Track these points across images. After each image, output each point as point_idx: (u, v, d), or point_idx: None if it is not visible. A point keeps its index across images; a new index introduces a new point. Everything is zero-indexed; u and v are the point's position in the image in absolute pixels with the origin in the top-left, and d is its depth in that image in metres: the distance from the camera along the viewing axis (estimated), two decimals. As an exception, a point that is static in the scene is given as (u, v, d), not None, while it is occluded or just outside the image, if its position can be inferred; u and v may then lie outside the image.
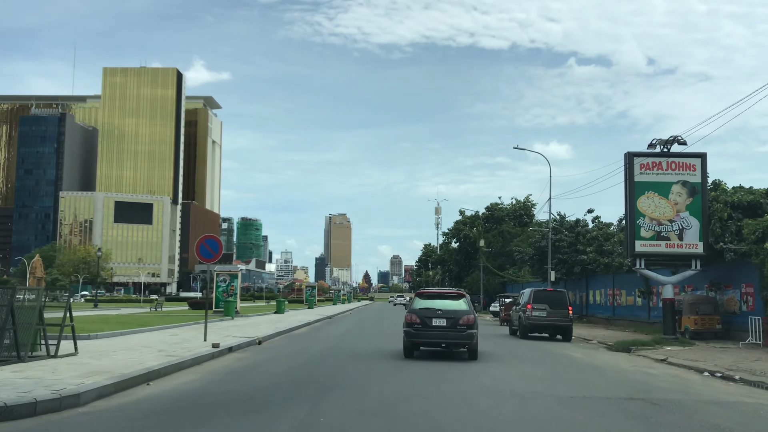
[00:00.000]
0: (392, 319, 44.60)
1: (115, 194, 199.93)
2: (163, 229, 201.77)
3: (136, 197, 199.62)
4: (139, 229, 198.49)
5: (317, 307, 69.65)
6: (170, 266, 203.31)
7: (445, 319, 16.22)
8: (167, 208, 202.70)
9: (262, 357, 16.78)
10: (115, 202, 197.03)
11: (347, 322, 39.21)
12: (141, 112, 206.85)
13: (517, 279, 59.45)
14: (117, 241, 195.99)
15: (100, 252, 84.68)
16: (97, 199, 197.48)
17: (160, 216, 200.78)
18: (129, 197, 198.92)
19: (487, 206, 70.81)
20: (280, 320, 34.91)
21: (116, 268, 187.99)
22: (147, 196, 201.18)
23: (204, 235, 19.37)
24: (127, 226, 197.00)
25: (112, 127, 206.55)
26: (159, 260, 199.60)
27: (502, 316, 37.30)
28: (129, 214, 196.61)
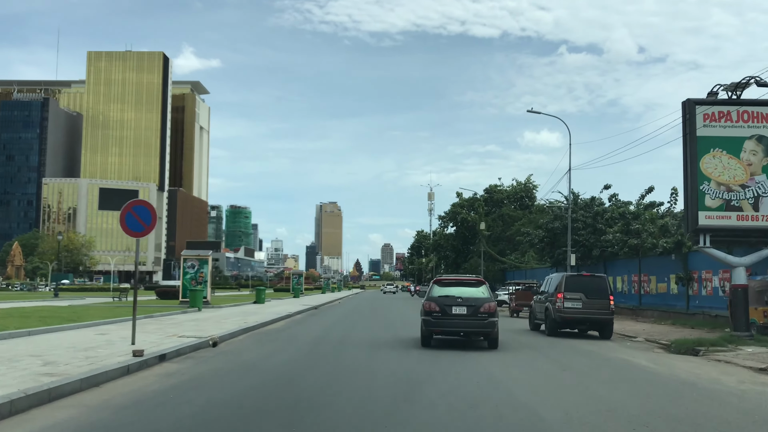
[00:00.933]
0: (385, 309, 39.39)
1: (99, 181, 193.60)
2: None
3: (121, 184, 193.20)
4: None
5: (304, 296, 64.40)
6: (157, 254, 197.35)
7: (465, 306, 15.40)
8: (153, 195, 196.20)
9: (203, 370, 11.52)
10: (100, 189, 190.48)
11: (334, 313, 34.02)
12: (126, 98, 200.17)
13: (520, 265, 54.35)
14: (102, 229, 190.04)
15: (60, 236, 77.68)
16: (81, 185, 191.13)
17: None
18: (114, 184, 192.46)
19: (486, 188, 65.65)
20: (256, 312, 29.63)
21: (101, 256, 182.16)
22: (132, 183, 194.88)
23: (131, 201, 14.00)
24: (112, 213, 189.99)
25: (97, 112, 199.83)
26: (145, 248, 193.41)
27: (513, 306, 32.16)
28: (114, 201, 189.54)
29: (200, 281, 32.45)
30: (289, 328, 22.19)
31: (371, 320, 27.99)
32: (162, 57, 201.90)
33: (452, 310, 15.46)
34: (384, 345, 16.33)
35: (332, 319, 28.42)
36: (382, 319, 28.98)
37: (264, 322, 23.12)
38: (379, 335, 19.60)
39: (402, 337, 18.85)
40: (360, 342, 17.25)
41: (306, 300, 50.61)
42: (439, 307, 15.58)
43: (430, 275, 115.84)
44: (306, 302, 45.05)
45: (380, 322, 26.28)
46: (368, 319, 28.43)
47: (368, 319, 29.05)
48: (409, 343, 16.95)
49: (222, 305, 33.92)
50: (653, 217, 30.84)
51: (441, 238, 72.26)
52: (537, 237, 40.45)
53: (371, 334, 20.08)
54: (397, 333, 20.40)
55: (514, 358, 14.31)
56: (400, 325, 24.66)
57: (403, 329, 22.03)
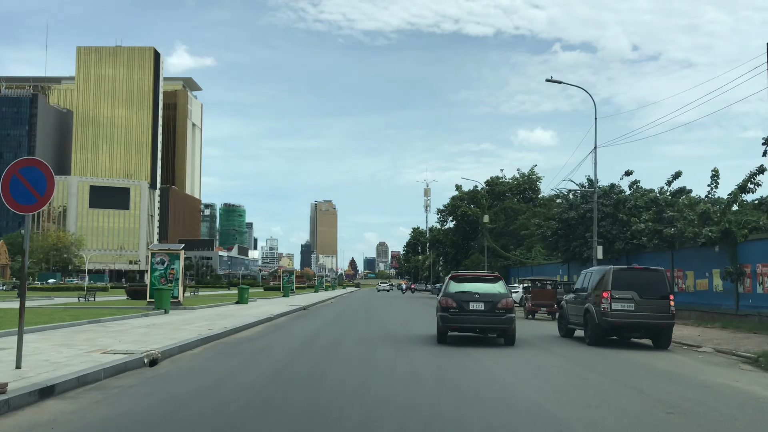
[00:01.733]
0: (381, 308, 35.09)
1: (90, 178, 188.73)
2: (140, 215, 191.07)
3: (113, 182, 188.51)
4: (116, 215, 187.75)
5: (295, 295, 60.04)
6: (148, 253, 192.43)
7: (482, 302, 15.08)
8: (145, 193, 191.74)
9: (98, 417, 7.17)
10: (90, 186, 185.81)
11: (324, 314, 29.72)
12: (117, 94, 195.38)
13: (526, 261, 50.10)
14: (93, 228, 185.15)
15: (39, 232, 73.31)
16: (71, 183, 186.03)
17: (137, 201, 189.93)
18: (105, 182, 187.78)
19: (487, 180, 61.37)
20: (233, 314, 25.30)
21: (92, 255, 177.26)
22: (124, 180, 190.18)
23: (18, 161, 9.54)
24: (103, 211, 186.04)
25: (87, 109, 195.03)
26: (137, 247, 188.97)
27: (529, 306, 27.79)
28: (105, 199, 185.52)
29: (171, 279, 28.05)
30: (265, 336, 17.87)
31: (365, 323, 23.73)
32: (153, 53, 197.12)
33: (469, 306, 15.06)
34: (384, 363, 12.05)
35: (320, 322, 24.11)
36: (378, 321, 24.71)
37: (236, 327, 18.78)
38: (376, 344, 15.32)
39: (405, 347, 14.59)
40: (351, 356, 12.98)
41: (295, 300, 46.26)
42: (456, 302, 15.13)
43: (426, 273, 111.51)
44: (295, 302, 40.71)
45: (376, 325, 22.02)
46: (362, 322, 24.16)
47: (362, 321, 24.78)
48: (416, 356, 12.72)
49: (196, 306, 29.54)
50: (692, 203, 26.59)
51: (440, 234, 67.85)
52: (550, 229, 36.14)
53: (366, 342, 15.80)
54: (399, 341, 16.13)
55: (567, 381, 10.08)
56: (401, 329, 20.41)
57: (405, 335, 17.79)
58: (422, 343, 15.61)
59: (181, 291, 28.34)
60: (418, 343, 15.59)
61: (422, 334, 18.20)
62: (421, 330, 19.82)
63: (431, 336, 17.20)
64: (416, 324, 23.14)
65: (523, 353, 14.23)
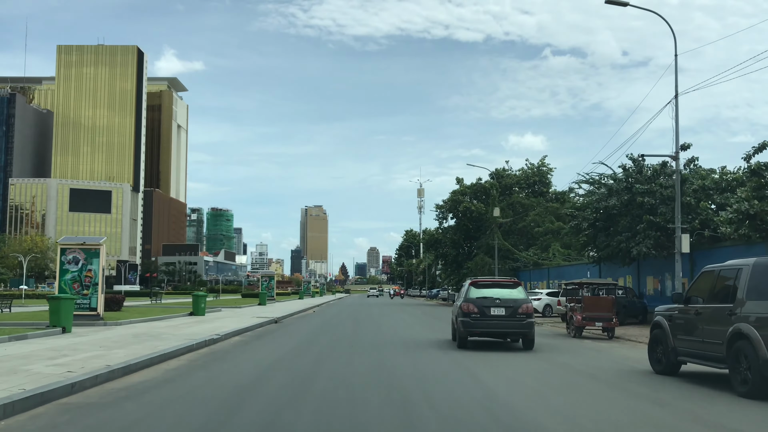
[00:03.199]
0: (373, 323, 27.36)
1: (70, 181, 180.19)
2: (122, 219, 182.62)
3: (94, 184, 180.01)
4: (97, 219, 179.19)
5: (274, 303, 52.29)
6: (132, 258, 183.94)
7: (503, 308, 15.24)
8: (127, 196, 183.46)
9: None
10: (71, 189, 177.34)
11: (296, 331, 22.04)
12: (99, 94, 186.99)
13: (544, 262, 42.57)
14: (73, 231, 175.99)
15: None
16: (50, 186, 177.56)
17: (119, 204, 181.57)
18: (85, 184, 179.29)
19: (491, 172, 53.90)
20: (161, 335, 17.58)
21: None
22: (105, 183, 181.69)
23: None
24: (84, 215, 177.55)
25: (68, 109, 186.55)
26: (119, 252, 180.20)
27: (578, 320, 19.90)
28: (86, 202, 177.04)
29: (87, 284, 20.32)
30: (173, 381, 10.18)
31: (351, 346, 16.15)
32: (136, 51, 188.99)
33: (491, 311, 15.23)
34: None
35: (286, 346, 16.43)
36: (370, 342, 17.09)
37: (131, 364, 11.11)
38: (368, 406, 7.69)
39: (424, 415, 6.93)
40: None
41: (271, 309, 38.56)
42: (477, 308, 15.27)
43: (421, 277, 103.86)
44: (268, 312, 33.04)
45: (368, 353, 14.46)
46: (346, 344, 16.57)
47: (346, 342, 17.16)
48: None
49: (124, 321, 21.67)
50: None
51: (438, 233, 59.97)
52: (586, 220, 28.47)
53: (350, 402, 8.15)
54: (410, 397, 8.52)
55: None
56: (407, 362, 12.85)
57: (421, 379, 10.23)
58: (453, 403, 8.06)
59: (100, 301, 20.56)
60: (449, 403, 8.04)
61: (448, 379, 10.73)
62: (436, 359, 12.52)
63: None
64: (427, 348, 15.65)
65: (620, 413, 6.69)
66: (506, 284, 16.42)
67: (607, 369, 12.30)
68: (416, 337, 19.56)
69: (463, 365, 12.51)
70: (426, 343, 17.34)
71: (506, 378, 10.90)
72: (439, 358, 13.81)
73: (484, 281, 16.83)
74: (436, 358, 13.79)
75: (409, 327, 24.80)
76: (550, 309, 32.02)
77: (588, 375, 11.41)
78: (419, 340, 18.10)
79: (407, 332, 21.70)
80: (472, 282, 16.59)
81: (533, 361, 13.44)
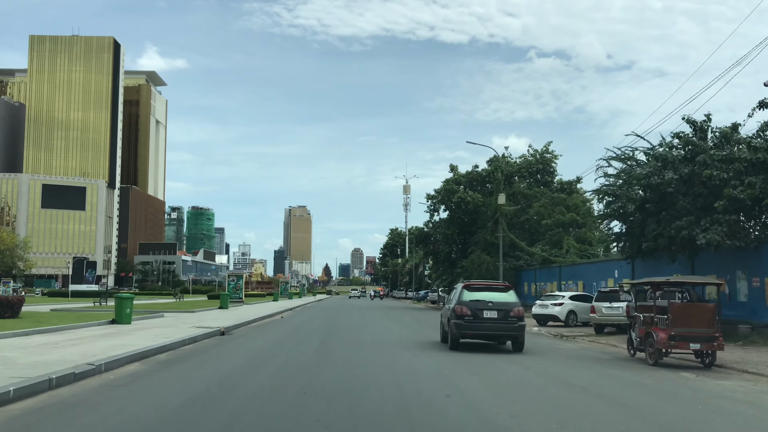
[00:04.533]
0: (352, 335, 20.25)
1: (43, 177, 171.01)
2: (98, 216, 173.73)
3: (67, 180, 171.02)
4: (71, 216, 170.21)
5: (241, 306, 45.31)
6: (107, 257, 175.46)
7: (496, 311, 15.44)
8: (102, 193, 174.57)
9: None
10: (43, 185, 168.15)
11: (241, 350, 15.12)
12: (73, 86, 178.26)
13: (556, 259, 35.81)
14: (45, 229, 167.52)
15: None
16: (21, 181, 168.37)
17: (94, 201, 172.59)
18: (59, 180, 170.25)
19: (490, 159, 47.22)
20: (13, 363, 10.62)
21: (44, 258, 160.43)
22: (79, 179, 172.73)
23: None
24: (57, 212, 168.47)
25: (41, 102, 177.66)
26: (93, 250, 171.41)
27: (661, 339, 12.64)
28: (59, 199, 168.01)
29: None
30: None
31: (305, 388, 9.27)
32: (113, 43, 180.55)
33: (484, 314, 15.41)
34: None
35: (190, 390, 9.44)
36: (338, 380, 10.33)
37: None
38: None
39: None
40: None
41: (229, 315, 31.57)
42: (470, 311, 15.44)
43: (407, 278, 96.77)
44: (220, 320, 26.07)
45: (335, 403, 7.65)
46: (298, 385, 9.70)
47: (301, 378, 10.31)
48: None
49: (8, 332, 14.77)
50: None
51: (429, 227, 52.46)
52: (633, 202, 21.54)
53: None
54: None
55: None
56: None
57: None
58: None
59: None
60: None
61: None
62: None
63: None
64: (441, 401, 8.89)
65: None
66: (498, 288, 16.69)
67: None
68: (415, 365, 12.77)
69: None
70: (434, 379, 10.57)
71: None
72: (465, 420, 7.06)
73: (477, 284, 17.00)
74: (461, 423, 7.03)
75: (401, 343, 17.97)
76: (575, 317, 25.32)
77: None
78: (420, 373, 11.32)
79: (398, 353, 14.92)
80: (465, 285, 16.77)
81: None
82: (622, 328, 21.82)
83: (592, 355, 15.69)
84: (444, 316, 17.23)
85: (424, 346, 16.89)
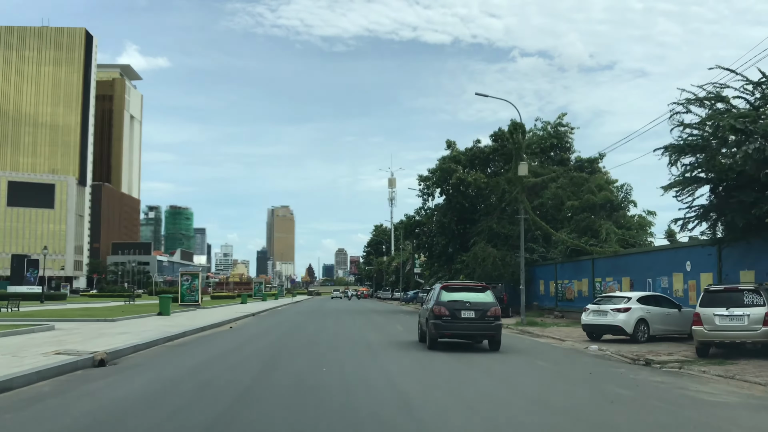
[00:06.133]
0: (316, 384, 11.83)
1: (8, 173, 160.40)
2: (67, 215, 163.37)
3: (35, 177, 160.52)
4: (39, 215, 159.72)
5: (189, 311, 36.81)
6: (78, 257, 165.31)
7: (473, 311, 15.37)
8: (73, 190, 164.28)
9: None
10: (8, 182, 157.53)
11: (104, 402, 6.74)
12: (42, 79, 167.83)
13: (595, 250, 27.39)
14: (10, 229, 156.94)
15: None
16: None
17: (63, 199, 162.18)
18: (26, 177, 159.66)
19: (493, 134, 39.07)
20: None
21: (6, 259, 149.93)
22: (48, 176, 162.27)
23: None
24: (24, 210, 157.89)
25: (7, 95, 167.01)
26: (63, 250, 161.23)
27: None
28: (26, 196, 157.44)
29: None
30: None
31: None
32: (84, 34, 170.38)
33: (461, 314, 15.32)
34: None
35: None
36: None
37: None
38: None
39: None
40: None
41: (163, 324, 23.14)
42: (448, 311, 15.32)
43: (393, 277, 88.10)
44: (130, 334, 17.61)
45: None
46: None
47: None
48: None
49: None
50: None
51: (421, 215, 43.16)
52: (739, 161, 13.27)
53: None
54: None
55: None
56: None
57: None
58: None
59: None
60: None
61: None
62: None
63: None
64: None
65: None
66: (476, 288, 16.38)
67: None
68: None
69: None
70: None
71: None
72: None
73: (455, 285, 16.81)
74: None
75: (405, 402, 9.65)
76: (646, 328, 17.10)
77: None
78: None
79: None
80: (443, 286, 16.63)
81: None
82: (743, 348, 13.74)
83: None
84: (422, 316, 17.13)
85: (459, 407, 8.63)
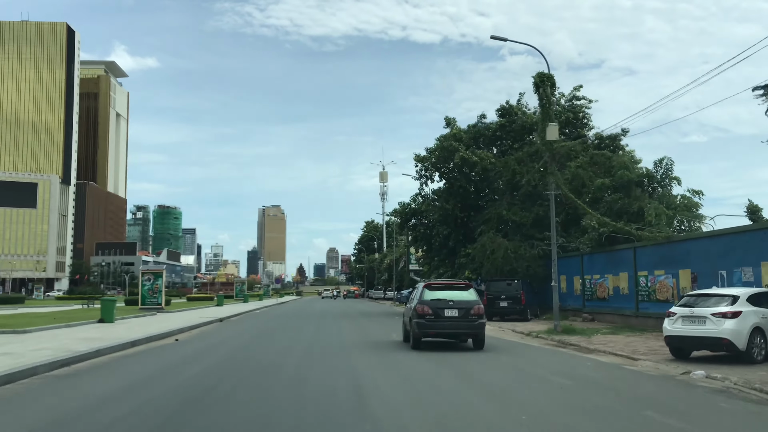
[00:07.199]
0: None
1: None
2: (50, 215, 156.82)
3: (16, 176, 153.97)
4: (20, 214, 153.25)
5: (150, 316, 31.19)
6: (61, 258, 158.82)
7: (456, 309, 15.04)
8: (56, 190, 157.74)
9: None
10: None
11: None
12: (23, 75, 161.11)
13: (642, 234, 21.90)
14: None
15: None
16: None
17: (46, 198, 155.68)
18: (6, 176, 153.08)
19: (500, 108, 33.61)
20: None
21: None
22: (29, 175, 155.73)
23: None
24: (4, 210, 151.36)
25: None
26: (45, 251, 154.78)
27: None
28: (6, 195, 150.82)
29: None
30: None
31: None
32: (66, 29, 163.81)
33: (445, 313, 15.01)
34: None
35: None
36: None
37: None
38: None
39: None
40: None
41: (94, 334, 17.61)
42: (432, 310, 15.01)
43: (386, 275, 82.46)
44: (19, 353, 11.91)
45: None
46: None
47: None
48: None
49: None
50: None
51: (419, 201, 36.86)
52: None
53: None
54: None
55: None
56: None
57: None
58: None
59: None
60: None
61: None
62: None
63: None
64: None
65: None
66: (459, 287, 16.13)
67: None
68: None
69: None
70: None
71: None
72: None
73: (438, 284, 16.49)
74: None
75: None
76: (763, 341, 11.55)
77: None
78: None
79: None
80: (426, 285, 16.36)
81: None
82: None
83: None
84: (406, 315, 16.79)
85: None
